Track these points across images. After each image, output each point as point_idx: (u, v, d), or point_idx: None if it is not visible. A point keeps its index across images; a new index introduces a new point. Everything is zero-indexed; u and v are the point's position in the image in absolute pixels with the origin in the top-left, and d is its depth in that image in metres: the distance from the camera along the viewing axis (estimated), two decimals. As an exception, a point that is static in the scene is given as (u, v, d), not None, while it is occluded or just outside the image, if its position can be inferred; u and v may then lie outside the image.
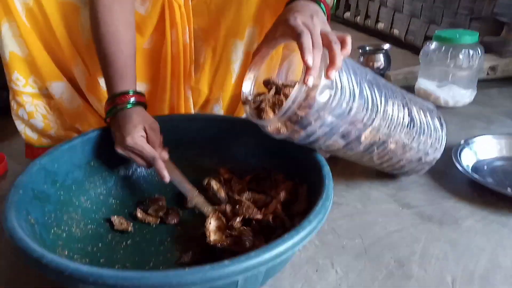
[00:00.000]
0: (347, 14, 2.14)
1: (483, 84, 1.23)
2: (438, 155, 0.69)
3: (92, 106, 0.77)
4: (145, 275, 0.34)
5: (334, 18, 2.26)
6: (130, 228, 0.59)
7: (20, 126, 0.77)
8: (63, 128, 0.78)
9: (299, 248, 0.41)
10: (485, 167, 0.77)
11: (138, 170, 0.69)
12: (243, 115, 0.86)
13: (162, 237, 0.58)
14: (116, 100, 0.61)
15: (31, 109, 0.75)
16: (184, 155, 0.71)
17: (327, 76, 0.50)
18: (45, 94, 0.75)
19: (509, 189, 0.68)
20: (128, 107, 0.61)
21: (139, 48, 0.73)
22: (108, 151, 0.65)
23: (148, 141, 0.60)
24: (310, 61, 0.48)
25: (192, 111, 0.81)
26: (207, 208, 0.60)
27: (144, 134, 0.60)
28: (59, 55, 0.72)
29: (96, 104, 0.76)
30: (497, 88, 1.24)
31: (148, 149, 0.59)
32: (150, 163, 0.60)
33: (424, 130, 0.65)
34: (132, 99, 0.61)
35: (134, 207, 0.63)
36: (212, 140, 0.71)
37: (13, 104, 0.75)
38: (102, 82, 0.74)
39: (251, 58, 0.60)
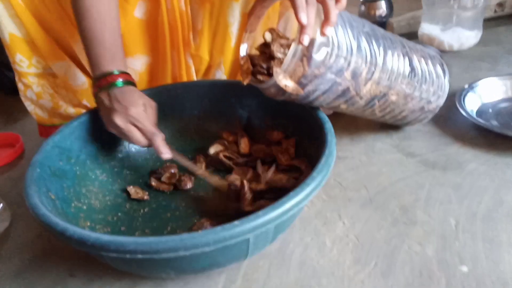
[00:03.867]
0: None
1: (490, 23, 1.20)
2: (441, 102, 0.69)
3: None
4: (162, 240, 0.37)
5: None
6: (146, 197, 0.62)
7: (30, 107, 0.79)
8: (72, 105, 0.80)
9: (305, 204, 0.43)
10: (490, 110, 0.77)
11: (148, 140, 0.71)
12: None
13: (177, 203, 0.61)
14: (112, 77, 0.58)
15: (38, 89, 0.76)
16: (190, 122, 0.73)
17: (322, 33, 0.50)
18: (50, 73, 0.76)
19: (513, 130, 0.69)
20: (126, 84, 0.59)
21: (132, 17, 0.73)
22: (116, 125, 0.68)
23: None
24: (304, 19, 0.48)
25: (195, 79, 0.82)
26: (214, 179, 0.62)
27: (144, 109, 0.58)
28: (58, 33, 0.72)
29: None
30: (505, 25, 1.20)
31: (149, 124, 0.57)
32: (149, 139, 0.58)
33: (426, 79, 0.65)
34: (127, 79, 0.59)
35: (148, 176, 0.66)
36: (216, 105, 0.72)
37: (20, 86, 0.77)
38: None
39: (247, 18, 0.59)
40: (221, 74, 0.82)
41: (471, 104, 0.77)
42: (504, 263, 0.48)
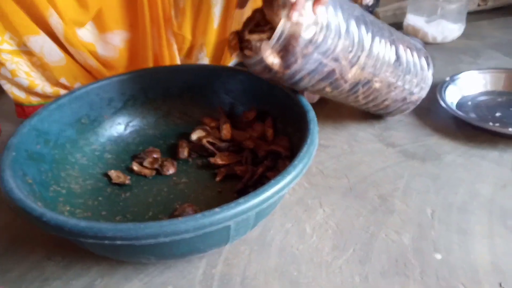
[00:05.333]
0: None
1: (473, 16, 1.21)
2: (423, 94, 0.70)
3: (75, 58, 0.76)
4: (141, 226, 0.37)
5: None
6: (127, 181, 0.61)
7: (6, 86, 0.77)
8: (49, 84, 0.78)
9: (285, 191, 0.44)
10: (469, 103, 0.79)
11: (130, 124, 0.70)
12: (230, 63, 0.86)
13: (159, 188, 0.61)
14: None
15: (13, 67, 0.73)
16: (173, 107, 0.72)
17: (313, 11, 0.49)
18: (25, 51, 0.74)
19: (490, 123, 0.70)
20: None
21: None
22: (98, 107, 0.67)
23: None
24: None
25: (177, 58, 0.81)
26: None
27: None
28: (31, 6, 0.69)
29: (77, 55, 0.75)
30: (488, 20, 1.22)
31: None
32: None
33: (410, 69, 0.65)
34: None
35: (130, 160, 0.66)
36: (199, 89, 0.72)
37: (-7, 64, 0.74)
38: (79, 32, 0.73)
39: None
40: (203, 55, 0.81)
41: (452, 96, 0.78)
42: (475, 253, 0.50)
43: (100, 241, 0.38)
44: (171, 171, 0.63)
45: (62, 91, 0.78)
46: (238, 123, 0.70)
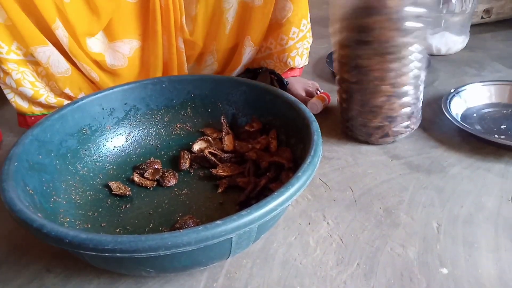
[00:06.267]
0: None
1: (477, 28, 1.22)
2: None
3: (80, 69, 0.77)
4: (142, 239, 0.36)
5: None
6: (128, 192, 0.60)
7: (10, 95, 0.77)
8: (53, 95, 0.78)
9: (288, 204, 0.43)
10: (474, 115, 0.78)
11: (132, 135, 0.70)
12: (236, 71, 0.86)
13: (160, 199, 0.60)
14: None
15: (18, 76, 0.74)
16: (175, 118, 0.72)
17: None
18: (31, 61, 0.74)
19: (495, 136, 0.70)
20: None
21: (123, 1, 0.71)
22: (100, 117, 0.66)
23: None
24: None
25: (185, 65, 0.81)
26: None
27: None
28: (39, 17, 0.70)
29: (82, 65, 0.75)
30: (491, 32, 1.22)
31: None
32: None
33: None
34: None
35: (131, 171, 0.65)
36: (202, 100, 0.72)
37: (-2, 73, 0.74)
38: (90, 41, 0.73)
39: None
40: (213, 60, 0.81)
41: (457, 108, 0.78)
42: (481, 267, 0.49)
43: (100, 253, 0.37)
44: (172, 182, 0.62)
45: (66, 102, 0.78)
46: (240, 133, 0.69)
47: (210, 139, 0.68)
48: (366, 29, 0.62)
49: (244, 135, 0.69)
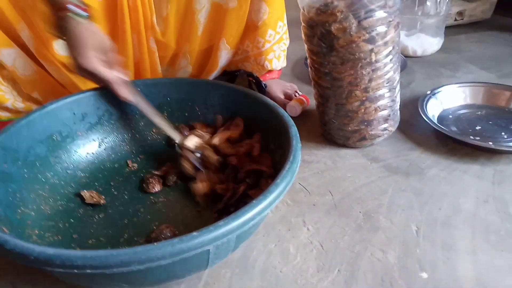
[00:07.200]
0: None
1: (451, 30, 1.24)
2: None
3: (48, 71, 0.73)
4: (113, 253, 0.34)
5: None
6: (102, 201, 0.58)
7: (-26, 100, 0.73)
8: (21, 99, 0.74)
9: (267, 212, 0.42)
10: (450, 116, 0.79)
11: (105, 140, 0.67)
12: (213, 74, 0.84)
13: (136, 208, 0.58)
14: (60, 11, 0.55)
15: None
16: (151, 122, 0.69)
17: None
18: None
19: (471, 137, 0.71)
20: (77, 18, 0.56)
21: (92, 2, 0.69)
22: (71, 123, 0.63)
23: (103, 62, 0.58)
24: None
25: (159, 67, 0.79)
26: (173, 132, 0.63)
27: (96, 54, 0.57)
28: (3, 20, 0.67)
29: (51, 68, 0.72)
30: (465, 34, 1.25)
31: (102, 72, 0.58)
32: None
33: None
34: (78, 10, 0.56)
35: (104, 179, 0.63)
36: (179, 103, 0.70)
37: (-38, 77, 0.70)
38: (52, 45, 0.70)
39: None
40: (187, 63, 0.80)
41: (433, 110, 0.78)
42: (460, 269, 0.49)
43: (69, 270, 0.35)
44: (156, 188, 0.60)
45: (34, 107, 0.75)
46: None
47: (200, 132, 0.66)
48: (332, 37, 0.62)
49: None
